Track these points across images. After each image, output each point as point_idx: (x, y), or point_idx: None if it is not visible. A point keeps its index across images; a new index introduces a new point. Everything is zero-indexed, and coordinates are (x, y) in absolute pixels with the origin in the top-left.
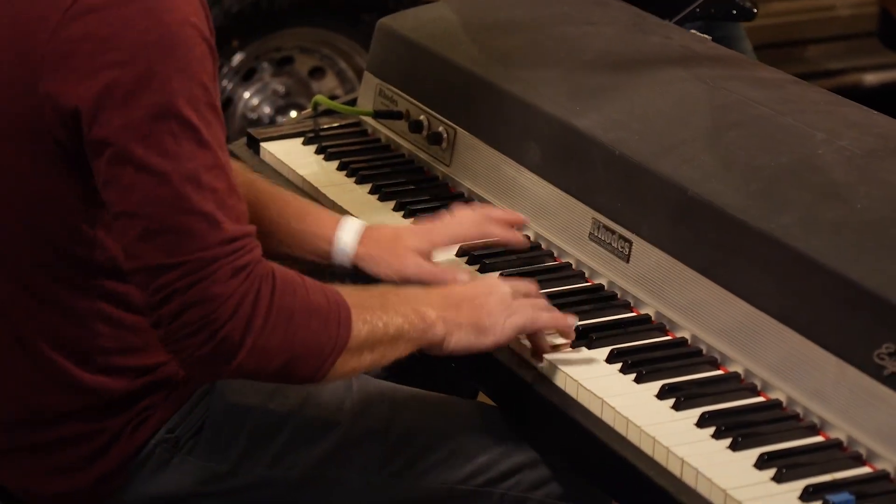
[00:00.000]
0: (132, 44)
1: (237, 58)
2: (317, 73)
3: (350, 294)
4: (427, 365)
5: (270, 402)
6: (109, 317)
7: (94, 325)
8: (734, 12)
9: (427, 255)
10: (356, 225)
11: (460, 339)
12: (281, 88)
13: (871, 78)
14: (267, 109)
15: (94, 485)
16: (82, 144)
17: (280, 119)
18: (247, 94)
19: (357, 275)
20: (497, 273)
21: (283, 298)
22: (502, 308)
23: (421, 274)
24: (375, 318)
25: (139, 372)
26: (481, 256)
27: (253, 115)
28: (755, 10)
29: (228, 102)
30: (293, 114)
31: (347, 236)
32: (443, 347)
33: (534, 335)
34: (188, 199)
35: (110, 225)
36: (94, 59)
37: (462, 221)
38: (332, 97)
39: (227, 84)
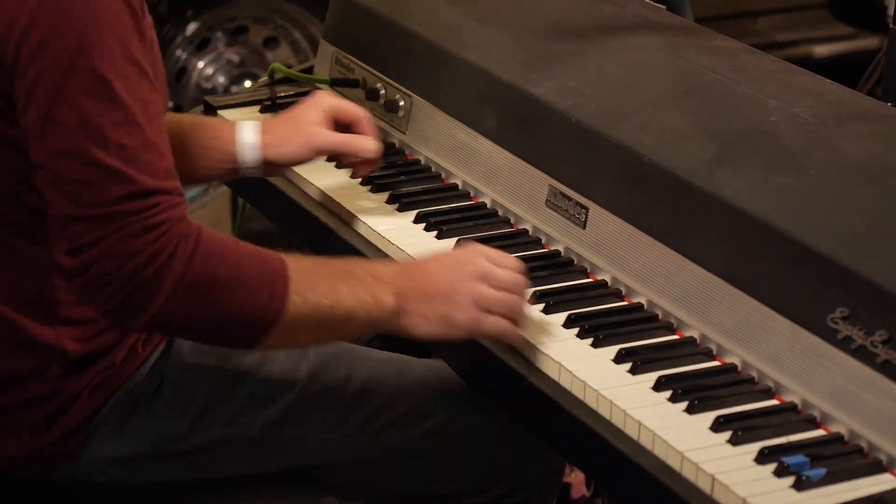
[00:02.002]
0: (55, 7)
1: (191, 27)
2: (271, 42)
3: (299, 267)
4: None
5: (228, 361)
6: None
7: (50, 276)
8: None
9: (329, 124)
10: (252, 122)
11: (430, 329)
12: (235, 58)
13: (821, 49)
14: (221, 79)
15: (53, 446)
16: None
17: (234, 89)
18: (201, 64)
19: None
20: (470, 242)
21: (205, 262)
22: (473, 298)
23: (331, 143)
24: (320, 296)
25: (98, 326)
26: (438, 223)
27: (207, 85)
28: None
29: (182, 72)
30: (247, 83)
31: (247, 130)
32: (408, 334)
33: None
34: (90, 153)
35: None
36: (12, 12)
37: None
38: (287, 66)
39: (182, 54)
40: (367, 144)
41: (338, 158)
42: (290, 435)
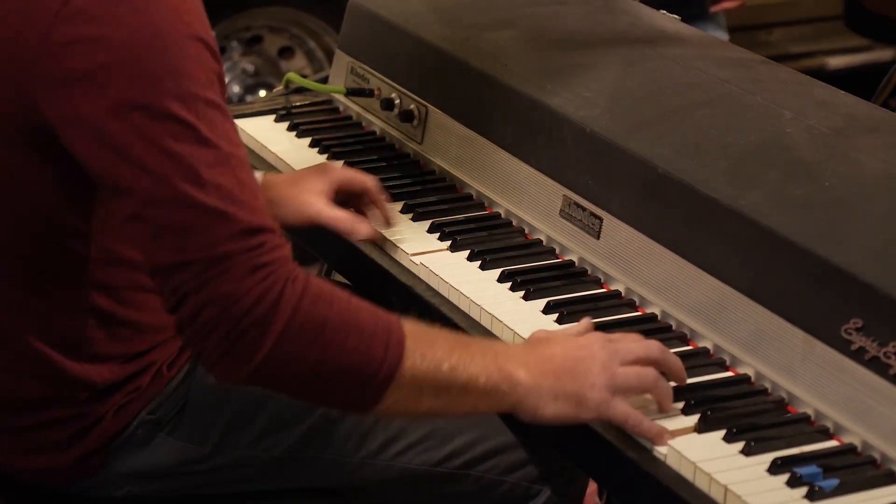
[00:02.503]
0: (122, 44)
1: None
2: (286, 52)
3: (415, 326)
4: None
5: None
6: (100, 309)
7: (83, 316)
8: None
9: (331, 195)
10: (258, 173)
11: (558, 410)
12: (250, 68)
13: (835, 61)
14: (236, 88)
15: (74, 463)
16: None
17: (249, 98)
18: None
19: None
20: (593, 328)
21: (314, 306)
22: (606, 377)
23: (324, 219)
24: (441, 357)
25: (125, 359)
26: (452, 233)
27: None
28: None
29: None
30: (262, 93)
31: None
32: (534, 416)
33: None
34: (189, 196)
35: (105, 218)
36: (87, 61)
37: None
38: (302, 77)
39: None
40: (359, 228)
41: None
42: (310, 458)
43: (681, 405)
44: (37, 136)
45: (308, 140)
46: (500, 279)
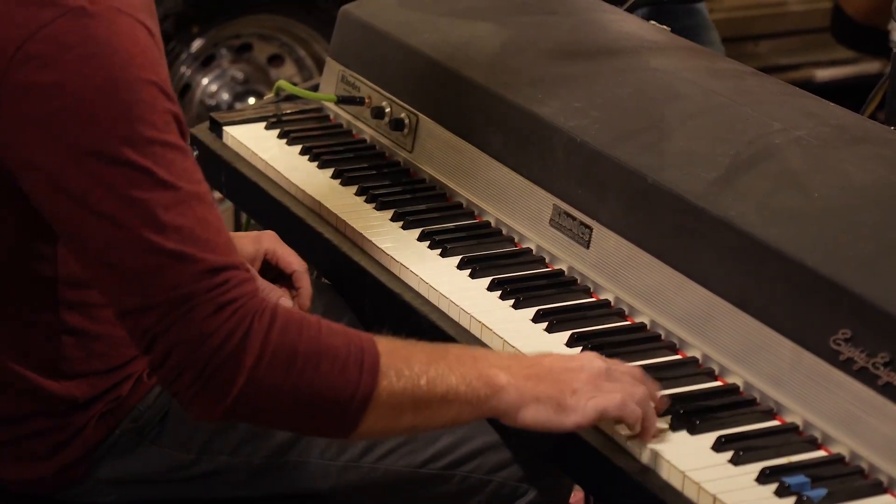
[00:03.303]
0: (75, 91)
1: (196, 44)
2: (275, 60)
3: (389, 344)
4: None
5: None
6: (74, 328)
7: (58, 336)
8: None
9: (259, 263)
10: None
11: (538, 413)
12: (239, 75)
13: (822, 74)
14: (225, 96)
15: (57, 473)
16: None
17: (238, 105)
18: (205, 81)
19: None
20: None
21: (283, 336)
22: (589, 387)
23: None
24: (418, 371)
25: (103, 373)
26: (442, 241)
27: (211, 102)
28: None
29: (187, 88)
30: (251, 100)
31: None
32: (515, 419)
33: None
34: (149, 241)
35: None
36: (41, 107)
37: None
38: (292, 84)
39: (186, 70)
40: (279, 300)
41: (342, 175)
42: (294, 462)
43: (669, 416)
44: None
45: (298, 147)
46: (490, 288)
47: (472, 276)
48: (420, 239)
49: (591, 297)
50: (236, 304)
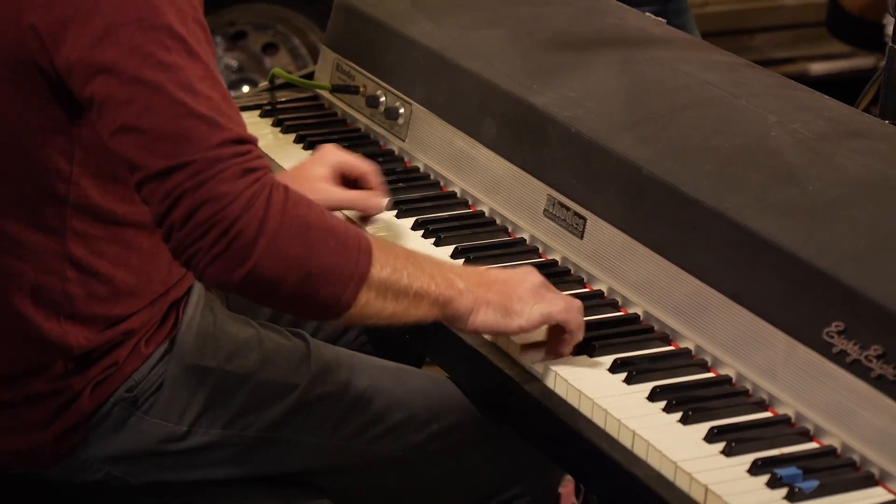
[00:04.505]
0: None
1: None
2: (269, 48)
3: (373, 237)
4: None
5: (228, 363)
6: (79, 261)
7: (62, 269)
8: None
9: (336, 179)
10: None
11: (487, 317)
12: (234, 63)
13: (817, 67)
14: None
15: (53, 442)
16: (66, 71)
17: (232, 94)
18: None
19: None
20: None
21: (297, 208)
22: (533, 295)
23: (339, 200)
24: (400, 265)
25: (103, 323)
26: (436, 230)
27: None
28: None
29: None
30: (245, 89)
31: None
32: (467, 322)
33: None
34: (184, 104)
35: (87, 146)
36: None
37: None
38: (287, 72)
39: None
40: (374, 202)
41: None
42: (287, 439)
43: (661, 404)
44: (27, 70)
45: (293, 136)
46: None
47: (466, 264)
48: (414, 228)
49: (585, 288)
50: (258, 174)
